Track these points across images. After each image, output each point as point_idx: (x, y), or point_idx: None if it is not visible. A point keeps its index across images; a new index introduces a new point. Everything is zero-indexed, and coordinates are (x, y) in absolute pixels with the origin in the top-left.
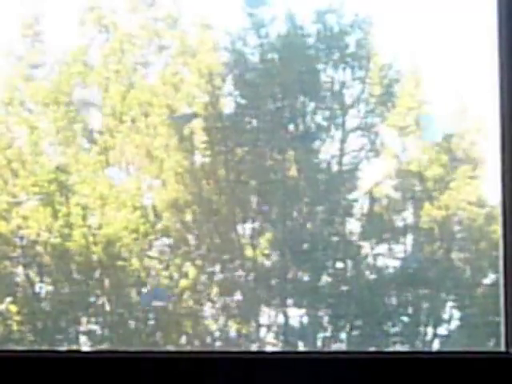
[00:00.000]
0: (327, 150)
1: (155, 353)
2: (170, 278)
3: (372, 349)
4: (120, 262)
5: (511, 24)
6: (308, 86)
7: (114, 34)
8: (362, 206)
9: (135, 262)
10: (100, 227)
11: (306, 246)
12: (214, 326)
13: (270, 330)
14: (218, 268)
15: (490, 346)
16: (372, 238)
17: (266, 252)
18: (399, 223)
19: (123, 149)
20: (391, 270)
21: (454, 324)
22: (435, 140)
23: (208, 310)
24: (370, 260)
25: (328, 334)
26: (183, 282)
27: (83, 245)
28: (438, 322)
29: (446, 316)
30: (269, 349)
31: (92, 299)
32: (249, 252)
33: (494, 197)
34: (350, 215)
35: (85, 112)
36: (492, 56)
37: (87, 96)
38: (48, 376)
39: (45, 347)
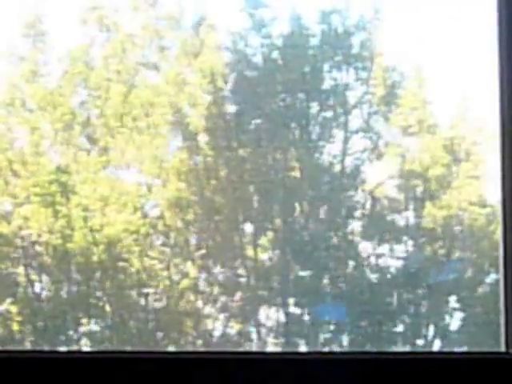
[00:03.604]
0: (330, 151)
1: (155, 353)
2: (171, 277)
3: (373, 349)
4: (121, 263)
5: (511, 24)
6: (311, 86)
7: (116, 33)
8: (364, 207)
9: (136, 263)
10: (101, 228)
11: (307, 245)
12: (214, 326)
13: (271, 329)
14: (219, 267)
15: (490, 345)
16: (374, 238)
17: (268, 252)
18: (401, 223)
19: (124, 149)
20: (393, 270)
21: (456, 324)
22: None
23: (208, 309)
24: (371, 260)
25: (328, 334)
26: (184, 282)
27: (84, 245)
28: (439, 322)
29: (447, 316)
30: (269, 349)
31: (93, 300)
32: (250, 252)
33: (494, 197)
34: (352, 215)
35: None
36: (492, 56)
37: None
38: (48, 376)
39: (45, 348)
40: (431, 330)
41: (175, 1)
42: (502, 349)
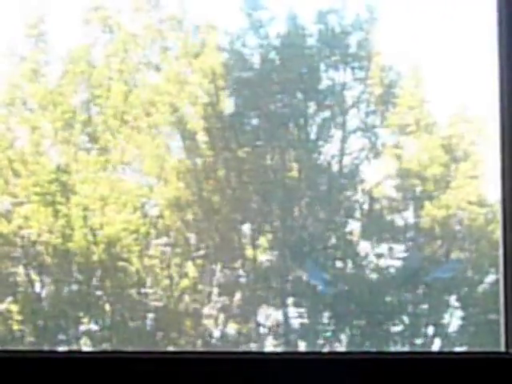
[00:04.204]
0: (328, 151)
1: (155, 353)
2: (171, 277)
3: (372, 349)
4: (121, 263)
5: (511, 24)
6: (309, 86)
7: (118, 33)
8: (362, 206)
9: (136, 263)
10: (101, 227)
11: (306, 245)
12: (214, 326)
13: (270, 329)
14: (218, 268)
15: (490, 345)
16: (372, 238)
17: (267, 252)
18: (400, 223)
19: (124, 149)
20: (392, 270)
21: (455, 324)
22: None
23: (208, 309)
24: (370, 260)
25: (328, 334)
26: (183, 282)
27: (84, 245)
28: (438, 322)
29: (446, 316)
30: (269, 349)
31: (93, 299)
32: (249, 252)
33: (494, 196)
34: (351, 215)
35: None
36: (492, 56)
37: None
38: (48, 376)
39: (45, 347)
40: (430, 329)
41: (177, 2)
42: (502, 349)
